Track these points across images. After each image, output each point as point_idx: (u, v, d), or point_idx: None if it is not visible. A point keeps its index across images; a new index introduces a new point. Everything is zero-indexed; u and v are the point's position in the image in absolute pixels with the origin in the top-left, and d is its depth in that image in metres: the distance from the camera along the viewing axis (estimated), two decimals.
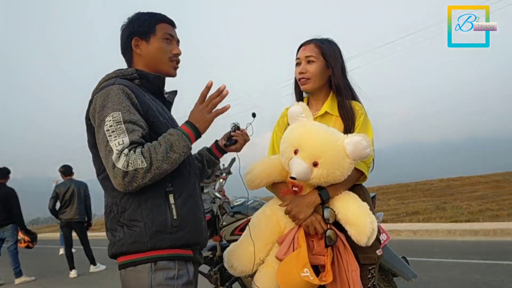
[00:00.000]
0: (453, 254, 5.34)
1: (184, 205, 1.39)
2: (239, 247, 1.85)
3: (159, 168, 1.28)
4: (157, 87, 1.52)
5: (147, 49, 1.50)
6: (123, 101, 1.32)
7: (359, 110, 1.83)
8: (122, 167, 1.24)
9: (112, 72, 1.49)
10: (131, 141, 1.27)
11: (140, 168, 1.25)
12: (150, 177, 1.27)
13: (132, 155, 1.25)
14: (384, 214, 3.54)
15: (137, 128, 1.30)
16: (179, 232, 1.35)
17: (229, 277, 2.90)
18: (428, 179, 16.89)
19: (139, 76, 1.48)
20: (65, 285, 6.27)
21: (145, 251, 1.33)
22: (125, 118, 1.30)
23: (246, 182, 1.84)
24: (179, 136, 1.34)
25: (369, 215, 1.64)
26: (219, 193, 3.07)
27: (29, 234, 6.53)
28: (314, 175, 1.63)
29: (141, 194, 1.34)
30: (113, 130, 1.28)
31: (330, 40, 1.91)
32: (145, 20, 1.51)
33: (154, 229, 1.33)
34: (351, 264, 1.68)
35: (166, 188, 1.36)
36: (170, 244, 1.34)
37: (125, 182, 1.25)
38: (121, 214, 1.36)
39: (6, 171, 6.78)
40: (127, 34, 1.52)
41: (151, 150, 1.28)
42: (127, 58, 1.55)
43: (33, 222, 61.48)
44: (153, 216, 1.34)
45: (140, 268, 1.33)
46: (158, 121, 1.40)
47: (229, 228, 2.91)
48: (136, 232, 1.33)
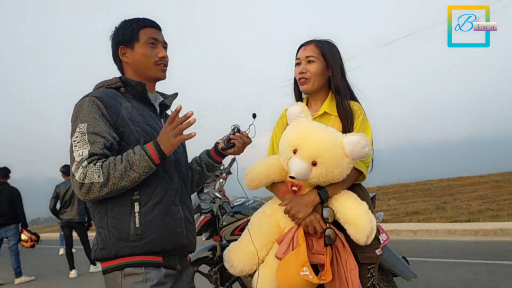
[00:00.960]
0: (453, 254, 5.34)
1: (149, 213, 1.40)
2: (239, 247, 1.86)
3: (116, 184, 1.32)
4: (141, 94, 1.54)
5: (133, 56, 1.54)
6: (91, 112, 1.37)
7: (358, 110, 1.83)
8: (79, 178, 1.30)
9: (100, 82, 1.56)
10: (90, 153, 1.32)
11: (96, 182, 1.30)
12: (107, 191, 1.32)
13: (91, 168, 1.30)
14: (384, 214, 3.55)
15: (99, 140, 1.35)
16: (141, 241, 1.38)
17: (229, 277, 2.91)
18: (428, 179, 16.89)
19: (123, 83, 1.53)
20: (65, 285, 6.27)
21: (112, 258, 1.39)
22: (89, 129, 1.35)
23: (245, 182, 1.84)
24: (140, 157, 1.35)
25: (368, 214, 1.64)
26: (219, 193, 3.08)
27: (33, 234, 6.55)
28: (313, 174, 1.63)
29: (108, 201, 1.39)
30: (78, 141, 1.34)
31: (330, 41, 1.92)
32: (128, 28, 1.54)
33: (117, 236, 1.38)
34: (350, 263, 1.68)
35: (132, 197, 1.39)
36: (132, 252, 1.38)
37: (81, 193, 1.31)
38: (94, 219, 1.45)
39: (7, 171, 6.80)
40: (114, 44, 1.56)
41: (110, 166, 1.32)
42: (118, 67, 1.61)
43: (33, 222, 61.50)
44: (116, 224, 1.38)
45: (112, 275, 1.40)
46: (128, 129, 1.42)
47: (229, 228, 2.92)
48: (102, 239, 1.40)
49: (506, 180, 13.78)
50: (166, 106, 1.67)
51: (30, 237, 6.46)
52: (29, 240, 6.46)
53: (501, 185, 13.24)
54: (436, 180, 16.23)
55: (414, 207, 10.78)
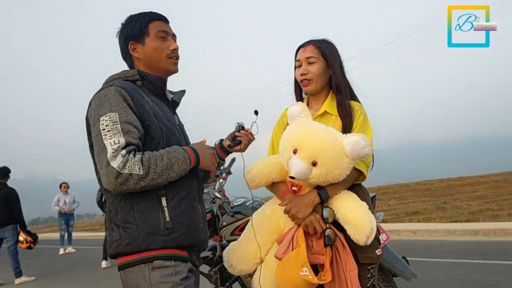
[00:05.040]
0: (453, 254, 5.34)
1: (177, 208, 1.38)
2: (239, 246, 1.86)
3: (154, 180, 1.29)
4: (159, 88, 1.51)
5: (144, 51, 1.50)
6: (119, 102, 1.32)
7: (359, 110, 1.83)
8: (117, 167, 1.23)
9: (115, 74, 1.49)
10: (127, 142, 1.27)
11: (136, 174, 1.25)
12: (143, 185, 1.28)
13: (132, 159, 1.25)
14: (384, 214, 3.54)
15: (133, 129, 1.30)
16: (172, 234, 1.35)
17: (229, 277, 2.90)
18: (428, 179, 16.91)
19: (140, 77, 1.48)
20: (65, 285, 6.27)
21: (139, 252, 1.33)
22: (121, 118, 1.29)
23: (245, 181, 1.84)
24: (184, 159, 1.35)
25: (368, 215, 1.64)
26: (219, 193, 3.08)
27: (30, 235, 6.54)
28: (313, 174, 1.63)
29: (133, 196, 1.34)
30: (108, 130, 1.27)
31: (328, 40, 1.92)
32: (136, 22, 1.50)
33: (147, 231, 1.33)
34: (350, 264, 1.68)
35: (158, 192, 1.36)
36: (163, 245, 1.34)
37: (116, 183, 1.24)
38: (115, 215, 1.38)
39: (6, 170, 6.79)
40: (123, 40, 1.52)
41: (151, 161, 1.28)
42: (128, 63, 1.56)
43: (33, 222, 61.51)
44: (145, 218, 1.34)
45: (138, 269, 1.34)
46: (153, 124, 1.39)
47: (229, 228, 2.92)
48: (130, 233, 1.34)
49: (506, 180, 13.79)
50: (175, 103, 1.63)
51: (26, 238, 6.44)
52: (24, 241, 6.45)
53: (501, 185, 13.25)
54: (436, 180, 16.25)
55: (414, 207, 10.79)
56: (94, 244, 7.05)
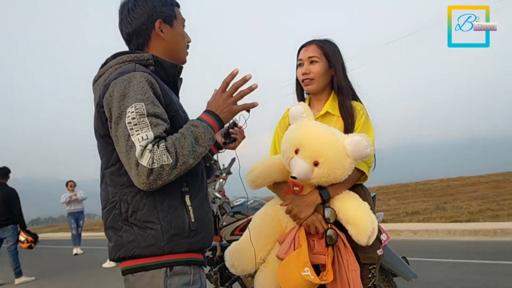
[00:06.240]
0: (453, 254, 5.34)
1: (200, 207, 1.29)
2: (241, 246, 1.86)
3: (185, 163, 1.16)
4: (172, 77, 1.36)
5: (172, 34, 1.36)
6: (146, 91, 1.18)
7: (360, 110, 1.83)
8: (147, 164, 1.11)
9: (126, 55, 1.30)
10: (156, 136, 1.15)
11: (166, 164, 1.12)
12: (176, 173, 1.16)
13: (157, 151, 1.12)
14: (384, 214, 3.54)
15: (161, 123, 1.18)
16: (196, 237, 1.26)
17: (229, 277, 2.91)
18: (428, 179, 16.91)
19: (154, 62, 1.31)
20: (65, 285, 6.27)
21: (161, 255, 1.21)
22: (148, 110, 1.16)
23: (247, 181, 1.84)
24: (204, 129, 1.22)
25: (369, 215, 1.64)
26: (219, 193, 3.08)
27: (30, 235, 6.55)
28: (314, 174, 1.63)
29: (155, 193, 1.21)
30: (135, 123, 1.14)
31: (330, 41, 1.92)
32: (166, 1, 1.36)
33: (172, 232, 1.21)
34: (351, 264, 1.68)
35: (181, 188, 1.25)
36: (187, 248, 1.24)
37: (150, 181, 1.12)
38: (132, 213, 1.23)
39: (6, 170, 6.79)
40: (148, 13, 1.32)
41: (176, 145, 1.15)
42: (140, 41, 1.35)
43: (33, 222, 61.48)
44: (170, 218, 1.22)
45: (153, 273, 1.21)
46: (179, 115, 1.28)
47: (229, 228, 2.92)
48: (151, 235, 1.21)
49: (506, 180, 13.79)
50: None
51: (27, 238, 6.45)
52: (25, 241, 6.46)
53: (501, 185, 13.25)
54: (436, 180, 16.25)
55: (414, 207, 10.79)
56: (94, 244, 7.05)
